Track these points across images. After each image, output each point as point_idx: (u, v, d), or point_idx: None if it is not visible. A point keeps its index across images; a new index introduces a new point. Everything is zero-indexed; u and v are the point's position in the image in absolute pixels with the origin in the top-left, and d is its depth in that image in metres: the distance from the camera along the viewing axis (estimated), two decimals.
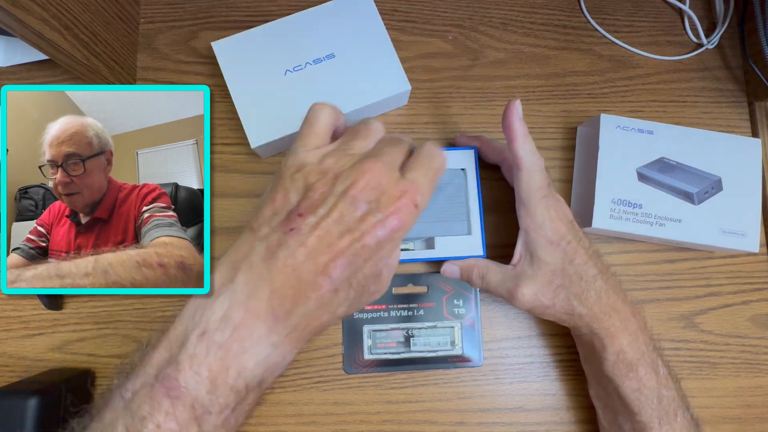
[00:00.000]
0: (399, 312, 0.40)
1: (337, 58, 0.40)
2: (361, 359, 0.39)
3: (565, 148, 0.44)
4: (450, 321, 0.40)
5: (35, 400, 0.32)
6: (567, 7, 0.47)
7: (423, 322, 0.40)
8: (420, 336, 0.40)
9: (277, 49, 0.40)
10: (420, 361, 0.39)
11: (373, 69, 0.40)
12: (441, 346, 0.40)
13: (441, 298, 0.40)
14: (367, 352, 0.39)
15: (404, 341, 0.40)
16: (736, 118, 0.45)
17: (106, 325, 0.39)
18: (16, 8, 0.29)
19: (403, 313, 0.40)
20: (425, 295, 0.40)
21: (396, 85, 0.40)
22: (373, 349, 0.39)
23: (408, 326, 0.40)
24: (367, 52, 0.40)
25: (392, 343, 0.40)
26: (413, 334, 0.40)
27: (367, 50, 0.40)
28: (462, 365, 0.40)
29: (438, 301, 0.40)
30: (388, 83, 0.40)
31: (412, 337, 0.40)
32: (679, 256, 0.42)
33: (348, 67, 0.39)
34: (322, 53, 0.40)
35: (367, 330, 0.40)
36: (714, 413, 0.40)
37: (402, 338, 0.40)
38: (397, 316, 0.40)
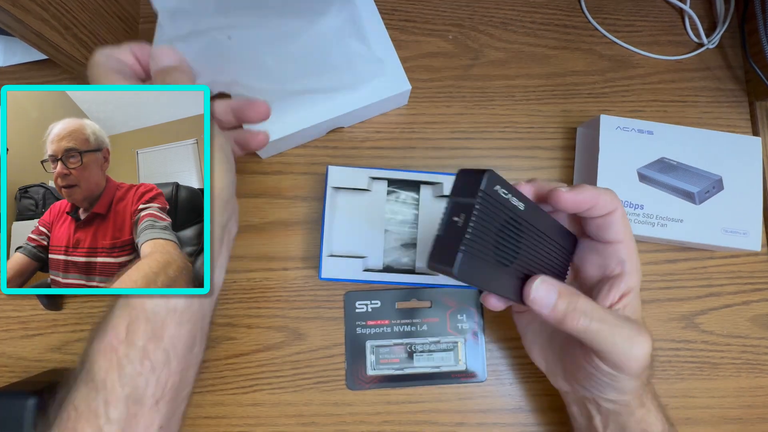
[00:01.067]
0: (402, 327, 0.40)
1: (331, 63, 0.39)
2: (364, 375, 0.39)
3: (565, 148, 0.44)
4: (453, 336, 0.40)
5: (35, 400, 0.32)
6: (567, 7, 0.47)
7: (426, 338, 0.40)
8: (423, 351, 0.39)
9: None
10: (423, 377, 0.39)
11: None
12: (444, 361, 0.39)
13: (444, 314, 0.40)
14: (370, 367, 0.39)
15: (407, 357, 0.39)
16: (736, 118, 0.45)
17: None
18: (16, 8, 0.29)
19: (406, 329, 0.40)
20: (428, 310, 0.40)
21: (396, 85, 0.40)
22: (375, 365, 0.39)
23: (411, 342, 0.40)
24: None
25: (395, 358, 0.39)
26: (416, 350, 0.39)
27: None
28: (466, 381, 0.39)
29: (441, 317, 0.40)
30: (388, 83, 0.39)
31: (416, 353, 0.39)
32: (679, 256, 0.42)
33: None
34: (316, 58, 0.39)
35: (370, 345, 0.39)
36: (715, 413, 0.40)
37: (405, 354, 0.39)
38: (400, 332, 0.40)
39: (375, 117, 0.43)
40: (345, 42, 0.37)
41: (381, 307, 0.40)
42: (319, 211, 0.41)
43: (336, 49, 0.37)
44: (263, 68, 0.36)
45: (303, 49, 0.36)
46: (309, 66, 0.37)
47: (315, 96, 0.38)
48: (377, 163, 0.42)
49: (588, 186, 0.27)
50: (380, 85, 0.39)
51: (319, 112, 0.39)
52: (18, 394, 0.32)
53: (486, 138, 0.43)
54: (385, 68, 0.39)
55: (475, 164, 0.43)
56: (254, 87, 0.36)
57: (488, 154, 0.43)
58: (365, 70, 0.39)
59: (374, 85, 0.39)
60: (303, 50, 0.36)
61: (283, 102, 0.38)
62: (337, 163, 0.42)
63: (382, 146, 0.43)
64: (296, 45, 0.35)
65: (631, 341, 0.25)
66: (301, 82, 0.37)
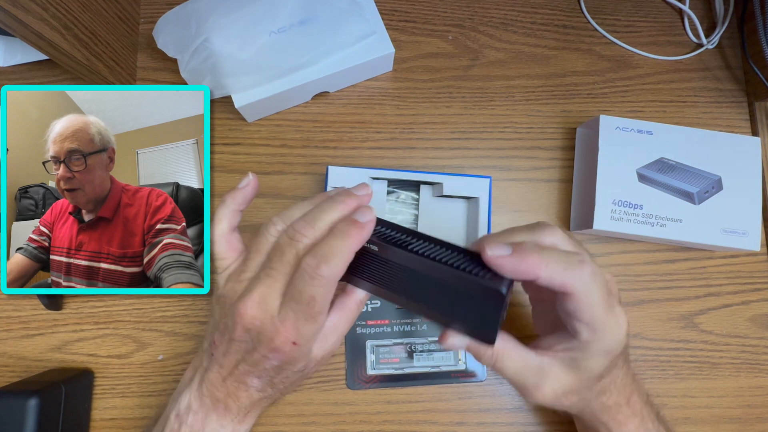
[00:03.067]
0: (402, 327, 0.40)
1: (321, 19, 0.39)
2: (364, 375, 0.39)
3: (565, 148, 0.44)
4: None
5: (35, 400, 0.32)
6: (567, 7, 0.47)
7: (426, 337, 0.40)
8: (423, 351, 0.40)
9: (263, 10, 0.39)
10: (423, 376, 0.39)
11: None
12: (444, 361, 0.39)
13: None
14: (370, 367, 0.39)
15: (407, 356, 0.39)
16: (736, 118, 0.45)
17: (105, 325, 0.39)
18: (16, 8, 0.29)
19: (406, 328, 0.40)
20: None
21: (380, 47, 0.40)
22: (376, 364, 0.39)
23: (411, 341, 0.40)
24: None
25: (395, 358, 0.39)
26: (416, 350, 0.40)
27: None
28: (466, 380, 0.39)
29: None
30: (371, 46, 0.39)
31: (415, 353, 0.39)
32: (678, 256, 0.42)
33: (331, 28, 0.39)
34: (306, 14, 0.39)
35: (370, 345, 0.39)
36: (714, 413, 0.40)
37: (405, 353, 0.39)
38: (399, 331, 0.40)
39: (362, 82, 0.43)
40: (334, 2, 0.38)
41: (381, 307, 0.40)
42: None
43: (324, 8, 0.38)
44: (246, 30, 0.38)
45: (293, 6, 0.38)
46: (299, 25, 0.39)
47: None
48: (377, 163, 0.42)
49: (528, 245, 0.24)
50: (363, 48, 0.39)
51: (303, 74, 0.39)
52: (19, 394, 0.32)
53: (486, 138, 0.43)
54: (372, 28, 0.39)
55: (475, 164, 0.43)
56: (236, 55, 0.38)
57: (488, 155, 0.43)
58: (353, 30, 0.39)
59: (357, 47, 0.39)
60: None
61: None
62: (337, 163, 0.42)
63: (382, 146, 0.43)
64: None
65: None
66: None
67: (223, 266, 0.28)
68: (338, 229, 0.25)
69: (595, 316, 0.25)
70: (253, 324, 0.25)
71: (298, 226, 0.25)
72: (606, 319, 0.25)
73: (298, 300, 0.24)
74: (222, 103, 0.42)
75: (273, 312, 0.25)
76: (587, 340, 0.26)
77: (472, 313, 0.25)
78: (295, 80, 0.39)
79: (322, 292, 0.24)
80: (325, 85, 0.42)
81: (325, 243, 0.24)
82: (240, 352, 0.26)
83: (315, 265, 0.23)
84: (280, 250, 0.25)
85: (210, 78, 0.38)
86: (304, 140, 0.43)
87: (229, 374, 0.27)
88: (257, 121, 0.43)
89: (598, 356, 0.26)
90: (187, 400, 0.28)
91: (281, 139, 0.42)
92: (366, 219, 0.25)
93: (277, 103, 0.41)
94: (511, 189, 0.43)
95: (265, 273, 0.25)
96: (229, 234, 0.28)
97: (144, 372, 0.39)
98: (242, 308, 0.25)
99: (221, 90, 0.39)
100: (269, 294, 0.25)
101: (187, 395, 0.28)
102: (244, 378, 0.27)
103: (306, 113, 0.43)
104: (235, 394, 0.27)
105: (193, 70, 0.39)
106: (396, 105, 0.44)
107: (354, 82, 0.43)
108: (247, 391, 0.27)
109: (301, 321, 0.24)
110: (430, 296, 0.26)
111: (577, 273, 0.24)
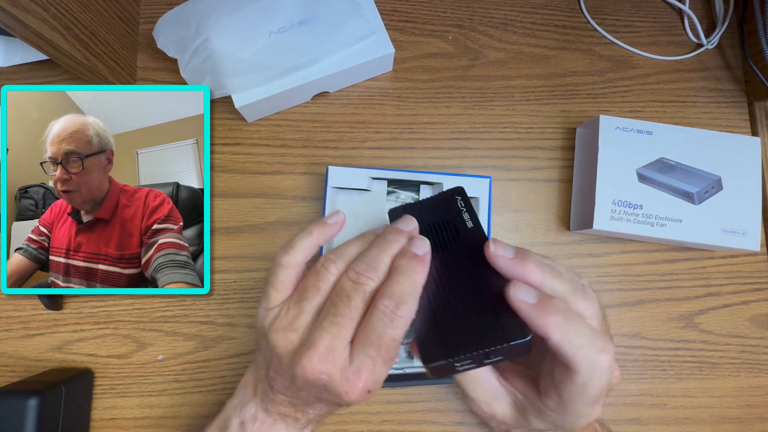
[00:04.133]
0: None
1: (321, 19, 0.40)
2: None
3: (565, 148, 0.44)
4: None
5: (35, 400, 0.32)
6: (567, 7, 0.47)
7: None
8: None
9: (263, 10, 0.39)
10: (423, 376, 0.39)
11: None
12: None
13: None
14: None
15: (407, 356, 0.39)
16: (735, 118, 0.45)
17: (105, 325, 0.39)
18: (16, 8, 0.29)
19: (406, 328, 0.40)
20: None
21: (379, 47, 0.40)
22: None
23: (410, 341, 0.39)
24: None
25: (395, 358, 0.39)
26: None
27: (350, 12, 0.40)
28: None
29: None
30: (371, 46, 0.39)
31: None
32: (678, 256, 0.42)
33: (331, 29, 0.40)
34: (306, 14, 0.40)
35: None
36: (714, 413, 0.40)
37: (405, 353, 0.39)
38: None
39: (362, 82, 0.43)
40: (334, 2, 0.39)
41: None
42: (319, 211, 0.41)
43: (325, 8, 0.39)
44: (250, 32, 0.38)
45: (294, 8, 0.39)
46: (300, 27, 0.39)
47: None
48: (377, 163, 0.42)
49: (555, 304, 0.22)
50: (363, 48, 0.40)
51: (302, 74, 0.39)
52: (19, 394, 0.32)
53: (485, 138, 0.43)
54: (372, 29, 0.39)
55: (474, 164, 0.43)
56: (237, 55, 0.38)
57: (488, 155, 0.43)
58: (353, 31, 0.39)
59: (357, 47, 0.40)
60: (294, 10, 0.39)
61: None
62: (337, 163, 0.42)
63: (382, 146, 0.43)
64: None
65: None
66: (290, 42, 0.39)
67: (277, 300, 0.26)
68: (403, 267, 0.24)
69: (577, 405, 0.23)
70: (320, 378, 0.23)
71: (361, 268, 0.24)
72: (584, 411, 0.24)
73: (377, 345, 0.23)
74: (222, 103, 0.42)
75: (343, 363, 0.23)
76: (549, 411, 0.25)
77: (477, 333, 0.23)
78: (295, 80, 0.39)
79: (401, 333, 0.23)
80: (325, 85, 0.42)
81: (397, 282, 0.23)
82: (305, 396, 0.26)
83: (394, 306, 0.23)
84: (345, 295, 0.24)
85: (210, 78, 0.38)
86: (304, 140, 0.43)
87: (296, 401, 0.27)
88: (257, 121, 0.43)
89: (547, 423, 0.25)
90: (253, 411, 0.28)
91: (281, 139, 0.42)
92: (424, 251, 0.25)
93: (277, 103, 0.41)
94: (511, 189, 0.43)
95: (330, 321, 0.23)
96: (301, 267, 0.27)
97: (144, 372, 0.39)
98: (307, 364, 0.23)
99: (221, 90, 0.39)
100: (337, 345, 0.23)
101: (253, 407, 0.29)
102: (313, 403, 0.27)
103: (306, 113, 0.43)
104: (304, 410, 0.28)
105: (193, 70, 0.39)
106: (396, 105, 0.44)
107: (354, 82, 0.43)
108: (316, 410, 0.28)
109: (378, 367, 0.23)
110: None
111: (593, 359, 0.22)
